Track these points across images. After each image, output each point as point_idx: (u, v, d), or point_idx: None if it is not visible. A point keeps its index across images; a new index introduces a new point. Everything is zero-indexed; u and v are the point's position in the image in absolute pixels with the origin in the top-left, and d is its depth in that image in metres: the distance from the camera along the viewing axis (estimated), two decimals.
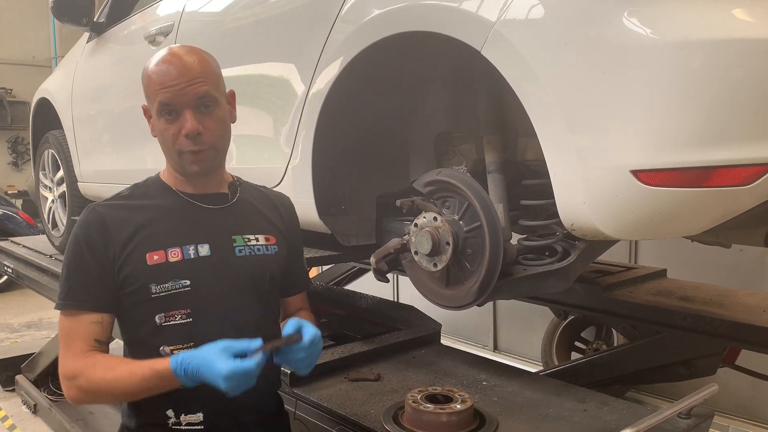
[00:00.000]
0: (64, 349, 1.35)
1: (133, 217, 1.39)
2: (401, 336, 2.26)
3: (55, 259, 3.69)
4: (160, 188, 1.46)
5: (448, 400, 1.55)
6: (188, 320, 1.38)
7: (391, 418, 1.58)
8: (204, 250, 1.41)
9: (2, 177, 11.81)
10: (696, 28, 1.25)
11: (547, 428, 1.58)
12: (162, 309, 1.37)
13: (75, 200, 3.71)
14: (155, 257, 1.36)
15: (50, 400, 4.06)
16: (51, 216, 4.05)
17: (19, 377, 4.50)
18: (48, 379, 4.27)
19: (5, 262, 4.25)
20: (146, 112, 1.42)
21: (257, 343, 1.26)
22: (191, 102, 1.34)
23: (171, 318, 1.37)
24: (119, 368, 1.30)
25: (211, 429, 1.41)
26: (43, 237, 4.33)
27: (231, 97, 1.46)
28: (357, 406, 1.72)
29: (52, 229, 4.03)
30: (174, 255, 1.37)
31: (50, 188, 4.08)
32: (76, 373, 1.31)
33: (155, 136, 1.41)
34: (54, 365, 4.20)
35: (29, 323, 6.58)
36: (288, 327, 1.35)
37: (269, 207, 1.57)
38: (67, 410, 3.86)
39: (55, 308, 1.38)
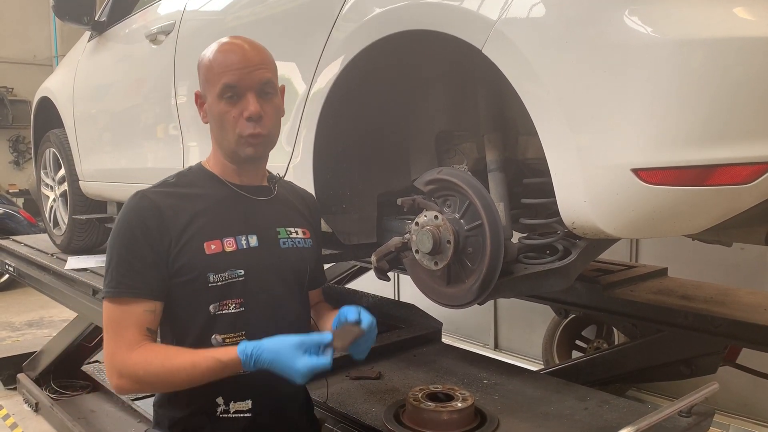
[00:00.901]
0: (114, 339, 1.34)
1: (187, 206, 1.40)
2: (402, 334, 2.27)
3: (57, 257, 3.70)
4: (207, 177, 1.48)
5: (449, 398, 1.56)
6: (241, 309, 1.40)
7: (392, 416, 1.58)
8: (253, 240, 1.44)
9: (4, 176, 11.83)
10: (697, 27, 1.25)
11: (547, 426, 1.58)
12: (217, 298, 1.38)
13: (76, 199, 3.72)
14: (212, 247, 1.38)
15: (52, 398, 4.06)
16: (52, 215, 4.06)
17: (20, 376, 4.50)
18: (50, 377, 4.28)
19: (7, 261, 4.25)
20: (198, 98, 1.45)
21: (328, 337, 1.29)
22: (255, 86, 1.38)
23: (224, 307, 1.38)
24: (179, 358, 1.30)
25: (257, 416, 1.42)
26: (45, 236, 4.33)
27: (282, 92, 1.50)
28: (358, 405, 1.73)
29: (54, 227, 4.04)
30: (229, 245, 1.40)
31: (51, 187, 4.08)
32: (132, 364, 1.31)
33: (206, 122, 1.44)
34: (55, 363, 4.22)
35: (31, 322, 6.59)
36: (352, 314, 1.39)
37: (300, 202, 1.63)
38: (68, 408, 3.87)
39: (104, 296, 1.36)
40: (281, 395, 1.45)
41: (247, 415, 1.41)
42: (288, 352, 1.25)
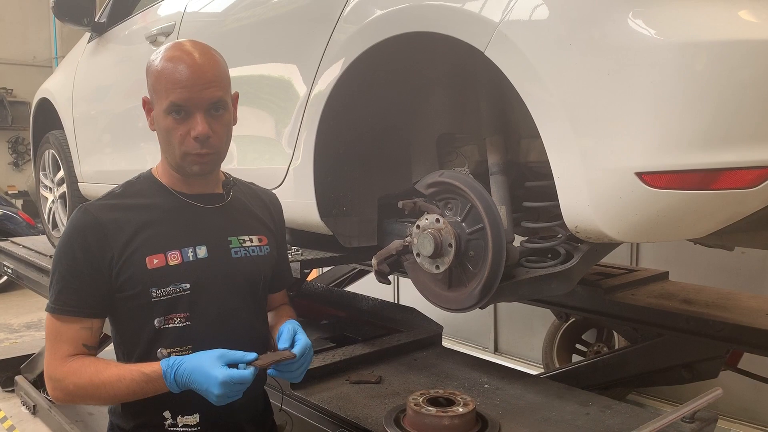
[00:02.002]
0: (50, 351, 1.34)
1: (130, 219, 1.36)
2: (402, 338, 2.25)
3: None
4: (155, 187, 1.43)
5: (450, 403, 1.54)
6: (187, 323, 1.37)
7: (393, 421, 1.56)
8: (202, 252, 1.40)
9: (3, 177, 11.81)
10: (701, 30, 1.24)
11: None
12: (161, 313, 1.36)
13: (75, 201, 3.70)
14: (155, 261, 1.34)
15: (49, 401, 4.04)
16: (51, 216, 4.04)
17: (18, 378, 4.48)
18: None
19: (5, 263, 4.24)
20: (146, 104, 1.39)
21: (252, 356, 1.28)
22: (204, 105, 1.32)
23: (170, 321, 1.36)
24: (107, 372, 1.30)
25: (206, 430, 1.41)
26: (43, 237, 4.32)
27: (235, 99, 1.45)
28: (358, 409, 1.71)
29: (53, 229, 4.03)
30: (174, 258, 1.36)
31: (50, 188, 4.07)
32: (63, 376, 1.31)
33: (154, 130, 1.39)
34: None
35: (29, 324, 6.57)
36: (283, 338, 1.39)
37: (260, 206, 1.58)
38: (66, 411, 3.85)
39: (46, 308, 1.36)
40: (231, 408, 1.39)
41: (195, 428, 1.40)
42: (207, 361, 1.25)
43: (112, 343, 1.47)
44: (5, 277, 7.03)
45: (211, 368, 1.23)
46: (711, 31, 1.24)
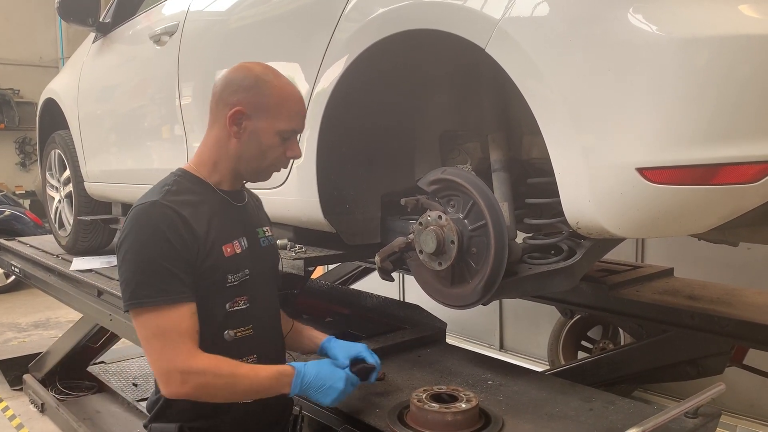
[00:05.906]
0: (169, 347, 1.34)
1: (198, 212, 1.45)
2: (406, 335, 2.26)
3: (62, 258, 3.71)
4: (200, 185, 1.52)
5: (453, 399, 1.55)
6: (248, 305, 1.50)
7: (396, 417, 1.57)
8: (245, 242, 1.52)
9: (10, 177, 11.88)
10: (702, 25, 1.24)
11: (552, 427, 1.57)
12: (232, 296, 1.47)
13: (81, 200, 3.72)
14: (228, 249, 1.47)
15: (57, 399, 4.07)
16: (58, 216, 4.07)
17: (26, 376, 4.52)
18: (55, 378, 4.29)
19: (13, 262, 4.26)
20: (243, 114, 1.44)
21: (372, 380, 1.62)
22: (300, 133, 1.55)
23: (236, 304, 1.48)
24: (242, 367, 1.42)
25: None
26: (50, 237, 4.34)
27: None
28: (362, 405, 1.72)
29: (59, 228, 4.05)
30: (237, 247, 1.49)
31: (57, 188, 4.09)
32: (200, 370, 1.35)
33: (237, 138, 1.46)
34: (60, 364, 4.23)
35: (37, 323, 6.60)
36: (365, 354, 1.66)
37: (257, 202, 1.74)
38: (73, 409, 3.88)
39: (141, 305, 1.35)
40: (253, 411, 1.52)
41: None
42: (328, 366, 1.49)
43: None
44: (13, 277, 7.08)
45: (334, 371, 1.48)
46: (711, 27, 1.24)
